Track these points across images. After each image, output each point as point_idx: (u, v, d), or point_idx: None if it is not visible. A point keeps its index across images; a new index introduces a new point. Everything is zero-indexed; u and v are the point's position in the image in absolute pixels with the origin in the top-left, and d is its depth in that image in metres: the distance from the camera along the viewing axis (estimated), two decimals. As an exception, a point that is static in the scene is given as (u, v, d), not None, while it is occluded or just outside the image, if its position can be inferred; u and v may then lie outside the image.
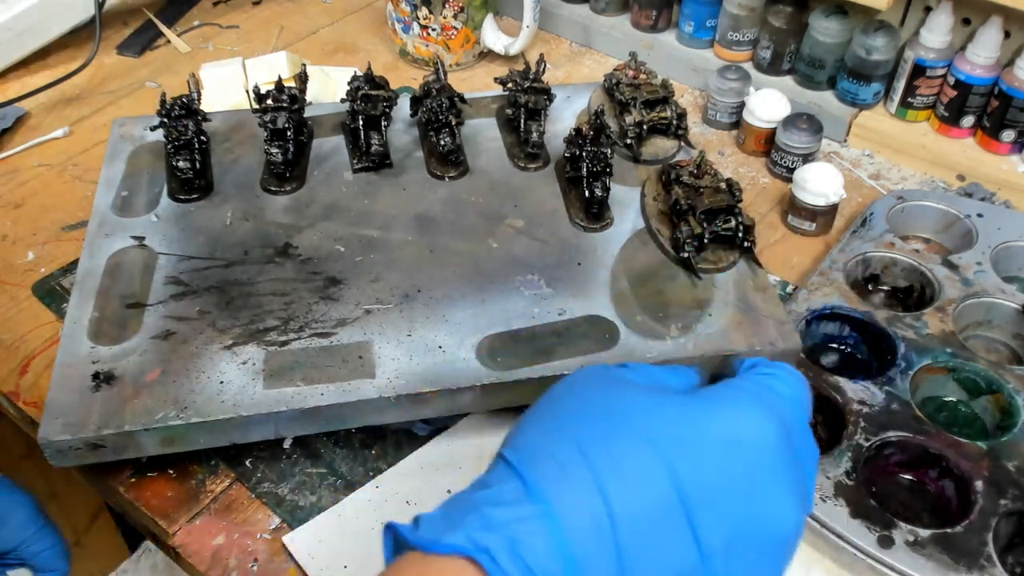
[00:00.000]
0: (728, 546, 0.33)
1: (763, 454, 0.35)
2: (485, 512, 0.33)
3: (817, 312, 0.68)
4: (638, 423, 0.35)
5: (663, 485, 0.33)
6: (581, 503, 0.33)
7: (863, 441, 0.59)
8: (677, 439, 0.34)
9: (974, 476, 0.57)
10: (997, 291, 0.70)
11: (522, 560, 0.32)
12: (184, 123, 0.71)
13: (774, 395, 0.38)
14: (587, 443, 0.35)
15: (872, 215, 0.77)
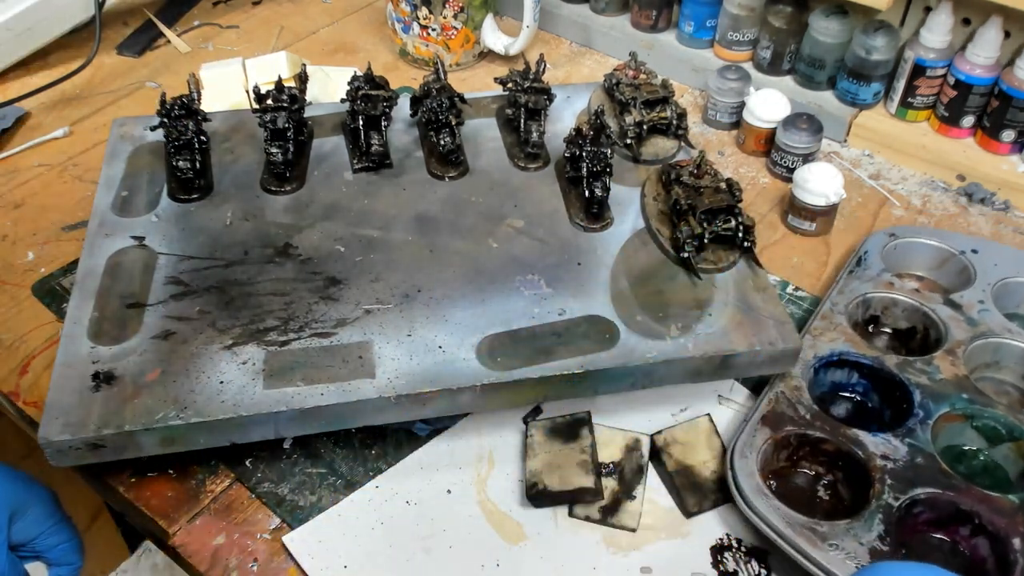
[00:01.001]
0: None
1: None
2: None
3: (825, 359, 0.65)
4: None
5: None
6: None
7: (892, 501, 0.56)
8: None
9: (1011, 533, 0.54)
10: (1004, 331, 0.67)
11: None
12: (184, 123, 0.71)
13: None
14: None
15: (867, 253, 0.74)
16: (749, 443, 0.59)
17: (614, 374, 0.58)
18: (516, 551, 0.57)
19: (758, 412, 0.61)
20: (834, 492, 0.60)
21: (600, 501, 0.59)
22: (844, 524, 0.54)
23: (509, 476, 0.61)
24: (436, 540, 0.57)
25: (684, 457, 0.61)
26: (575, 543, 0.57)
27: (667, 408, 0.65)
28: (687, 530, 0.58)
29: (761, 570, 0.56)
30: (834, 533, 0.54)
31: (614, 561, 0.56)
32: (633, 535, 0.58)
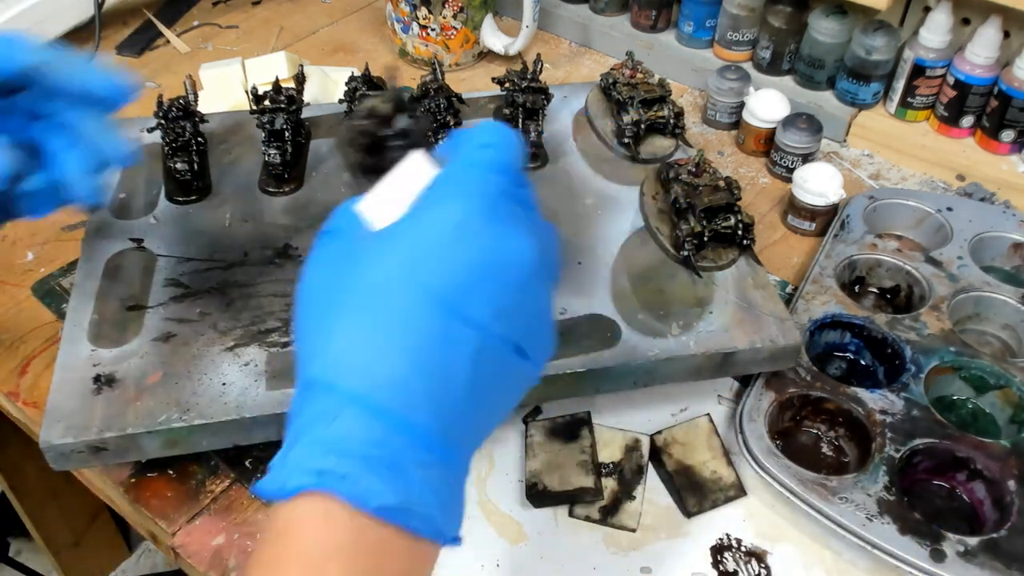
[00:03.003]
0: (497, 312, 0.35)
1: (480, 224, 0.36)
2: (305, 439, 0.34)
3: (819, 321, 0.68)
4: (376, 283, 0.36)
5: (422, 310, 0.35)
6: (372, 375, 0.34)
7: (893, 452, 0.59)
8: (415, 263, 0.36)
9: (1005, 476, 0.58)
10: (983, 284, 0.71)
11: (356, 454, 0.32)
12: (181, 124, 0.70)
13: (473, 167, 0.38)
14: (340, 326, 0.35)
15: (849, 217, 0.77)
16: (756, 407, 0.61)
17: (616, 372, 0.58)
18: (516, 551, 0.57)
19: (762, 377, 0.63)
20: (837, 447, 0.63)
21: (600, 501, 0.59)
22: (852, 478, 0.57)
23: (509, 476, 0.61)
24: (437, 540, 0.57)
25: (684, 457, 0.61)
26: (575, 543, 0.57)
27: (667, 408, 0.65)
28: (687, 530, 0.58)
29: (761, 570, 0.56)
30: (843, 487, 0.57)
31: (614, 561, 0.56)
32: (633, 535, 0.58)
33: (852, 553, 0.56)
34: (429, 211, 0.37)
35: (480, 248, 0.36)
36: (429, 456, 0.33)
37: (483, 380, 0.35)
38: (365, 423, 0.33)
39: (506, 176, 0.38)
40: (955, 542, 0.54)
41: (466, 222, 0.36)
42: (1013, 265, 0.76)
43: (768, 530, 0.58)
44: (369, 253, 0.37)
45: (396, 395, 0.33)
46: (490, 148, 0.39)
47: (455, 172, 0.38)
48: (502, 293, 0.35)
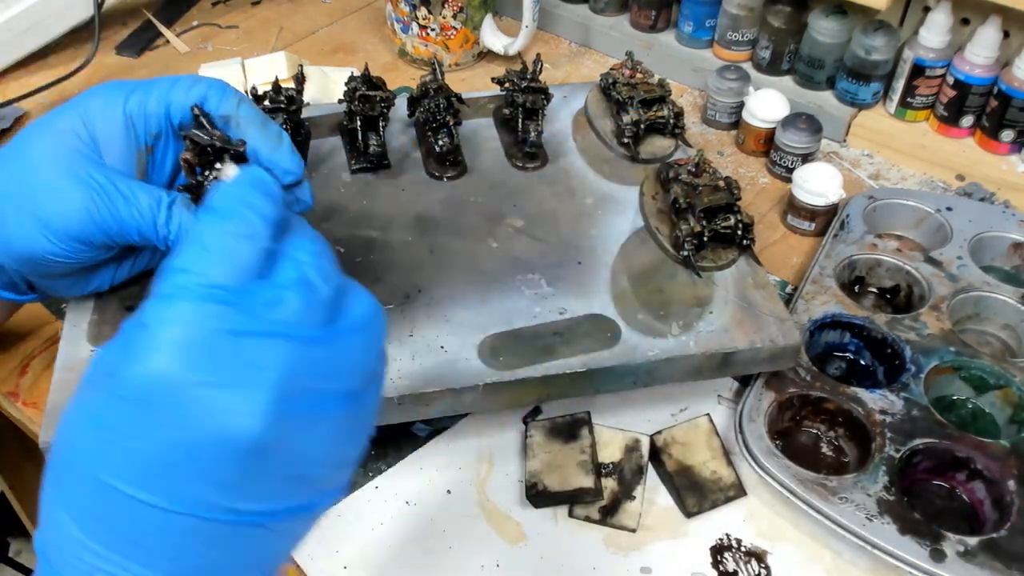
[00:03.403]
0: (217, 488, 0.31)
1: (176, 386, 0.30)
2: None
3: (819, 321, 0.68)
4: (64, 468, 0.31)
5: (108, 503, 0.30)
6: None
7: (893, 452, 0.59)
8: (91, 450, 0.31)
9: (1004, 476, 0.58)
10: (983, 284, 0.71)
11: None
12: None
13: (176, 294, 0.31)
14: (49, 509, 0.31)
15: (848, 217, 0.77)
16: (756, 407, 0.61)
17: (616, 372, 0.58)
18: (516, 551, 0.57)
19: (761, 377, 0.63)
20: (837, 448, 0.63)
21: (600, 501, 0.59)
22: (852, 478, 0.57)
23: (509, 476, 0.61)
24: (436, 540, 0.57)
25: (684, 457, 0.61)
26: (575, 543, 0.57)
27: (667, 408, 0.65)
28: (687, 530, 0.58)
29: (761, 570, 0.56)
30: (843, 487, 0.57)
31: (614, 561, 0.56)
32: (633, 535, 0.58)
33: (852, 553, 0.56)
34: (111, 376, 0.30)
35: (172, 424, 0.29)
36: None
37: (216, 557, 0.31)
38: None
39: (225, 305, 0.31)
40: (955, 542, 0.54)
41: (155, 386, 0.29)
42: (1013, 265, 0.76)
43: (768, 530, 0.58)
44: (65, 428, 0.31)
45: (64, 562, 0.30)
46: (193, 267, 0.31)
47: (151, 303, 0.31)
48: (228, 471, 0.30)
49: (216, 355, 0.29)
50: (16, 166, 0.46)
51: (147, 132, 0.47)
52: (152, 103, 0.46)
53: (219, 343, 0.30)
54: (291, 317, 0.31)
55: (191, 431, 0.29)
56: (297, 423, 0.31)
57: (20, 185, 0.46)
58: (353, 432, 0.34)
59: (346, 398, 0.32)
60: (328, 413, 0.32)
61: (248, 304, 0.31)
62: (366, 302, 0.35)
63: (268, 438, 0.30)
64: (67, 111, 0.46)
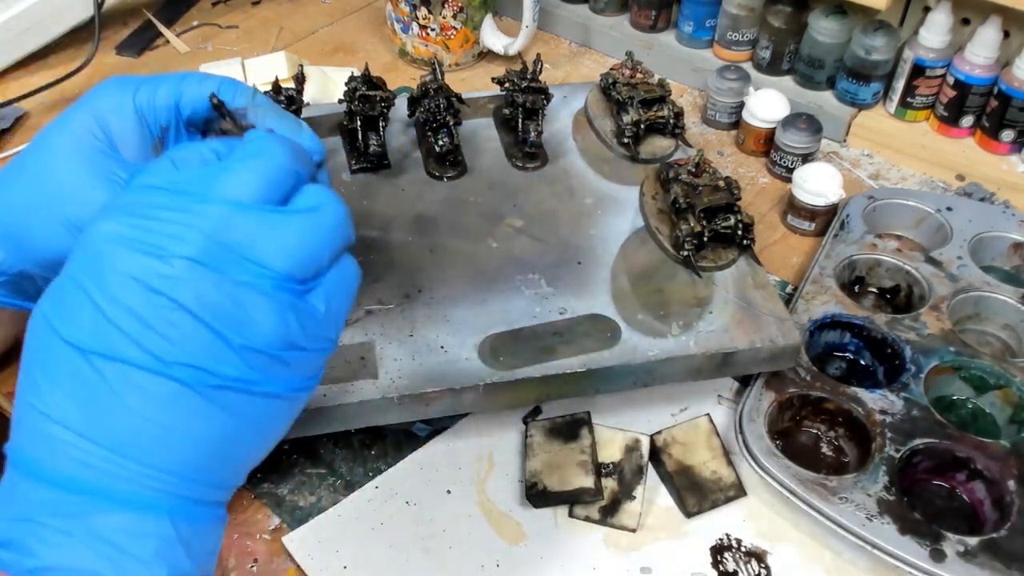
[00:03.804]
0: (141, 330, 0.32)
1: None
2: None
3: (819, 321, 0.68)
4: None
5: (59, 355, 0.33)
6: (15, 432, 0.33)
7: (893, 452, 0.59)
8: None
9: (1004, 476, 0.58)
10: (983, 284, 0.71)
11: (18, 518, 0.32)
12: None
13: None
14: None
15: (848, 217, 0.77)
16: (756, 407, 0.61)
17: (616, 372, 0.58)
18: (516, 551, 0.57)
19: (761, 377, 0.63)
20: (837, 448, 0.63)
21: (600, 501, 0.59)
22: (852, 478, 0.57)
23: (509, 476, 0.61)
24: (436, 540, 0.57)
25: (684, 457, 0.61)
26: (575, 543, 0.57)
27: (667, 408, 0.65)
28: (687, 530, 0.58)
29: (761, 570, 0.56)
30: (843, 487, 0.57)
31: (614, 561, 0.56)
32: (633, 535, 0.58)
33: (852, 553, 0.56)
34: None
35: (101, 269, 0.32)
36: (74, 508, 0.32)
37: (145, 413, 0.32)
38: (24, 485, 0.32)
39: (171, 171, 0.35)
40: (955, 542, 0.54)
41: (97, 244, 0.33)
42: (1013, 265, 0.76)
43: (768, 530, 0.58)
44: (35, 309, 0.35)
45: (46, 450, 0.32)
46: (156, 168, 0.36)
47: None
48: (145, 308, 0.32)
49: (152, 212, 0.33)
50: (37, 173, 0.47)
51: (157, 124, 0.47)
52: (161, 96, 0.47)
53: (158, 203, 0.33)
54: (230, 185, 0.34)
55: (116, 273, 0.32)
56: (218, 283, 0.32)
57: (44, 192, 0.46)
58: (296, 318, 0.34)
59: (286, 279, 0.34)
60: (259, 286, 0.33)
61: (190, 173, 0.35)
62: (322, 193, 0.36)
63: (179, 280, 0.32)
64: (78, 111, 0.47)
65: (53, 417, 0.32)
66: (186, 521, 0.34)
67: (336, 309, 0.36)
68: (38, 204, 0.47)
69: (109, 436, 0.32)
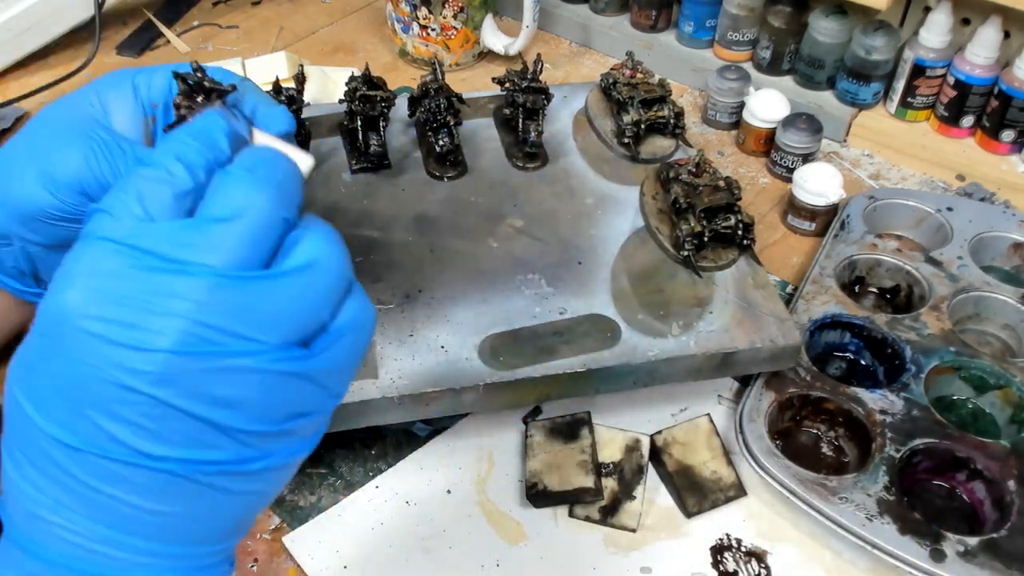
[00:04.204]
0: (130, 427, 0.30)
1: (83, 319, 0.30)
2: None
3: (819, 321, 0.68)
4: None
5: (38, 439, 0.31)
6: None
7: (893, 452, 0.59)
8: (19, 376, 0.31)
9: (1005, 476, 0.58)
10: (983, 284, 0.71)
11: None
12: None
13: (88, 240, 0.31)
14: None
15: (849, 217, 0.77)
16: (756, 407, 0.61)
17: (617, 372, 0.58)
18: (516, 551, 0.57)
19: (762, 377, 0.63)
20: (837, 448, 0.63)
21: (600, 501, 0.59)
22: (852, 478, 0.57)
23: (509, 476, 0.61)
24: (436, 540, 0.57)
25: (684, 457, 0.61)
26: (575, 543, 0.57)
27: (667, 408, 0.65)
28: (687, 530, 0.58)
29: (761, 570, 0.56)
30: (843, 487, 0.57)
31: (614, 561, 0.56)
32: (633, 535, 0.58)
33: (852, 553, 0.56)
34: (40, 307, 0.31)
35: (73, 359, 0.29)
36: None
37: (135, 503, 0.30)
38: (18, 557, 0.31)
39: (143, 237, 0.30)
40: (955, 542, 0.54)
41: (64, 321, 0.29)
42: (1013, 265, 0.76)
43: (768, 530, 0.58)
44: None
45: (34, 528, 0.31)
46: (115, 208, 0.31)
47: (75, 247, 0.31)
48: (126, 408, 0.29)
49: (122, 290, 0.29)
50: (29, 130, 0.48)
51: (150, 102, 0.48)
52: (157, 79, 0.48)
53: (128, 278, 0.29)
54: (210, 253, 0.30)
55: (88, 366, 0.29)
56: (207, 369, 0.29)
57: (29, 143, 0.47)
58: (299, 386, 0.31)
59: (285, 347, 0.30)
60: (254, 364, 0.30)
61: (164, 239, 0.30)
62: (317, 243, 0.32)
63: (165, 376, 0.29)
64: (83, 89, 0.48)
65: (42, 502, 0.30)
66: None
67: (345, 361, 0.33)
68: (21, 154, 0.47)
69: (102, 524, 0.30)
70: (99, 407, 0.29)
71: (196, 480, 0.30)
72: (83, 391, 0.29)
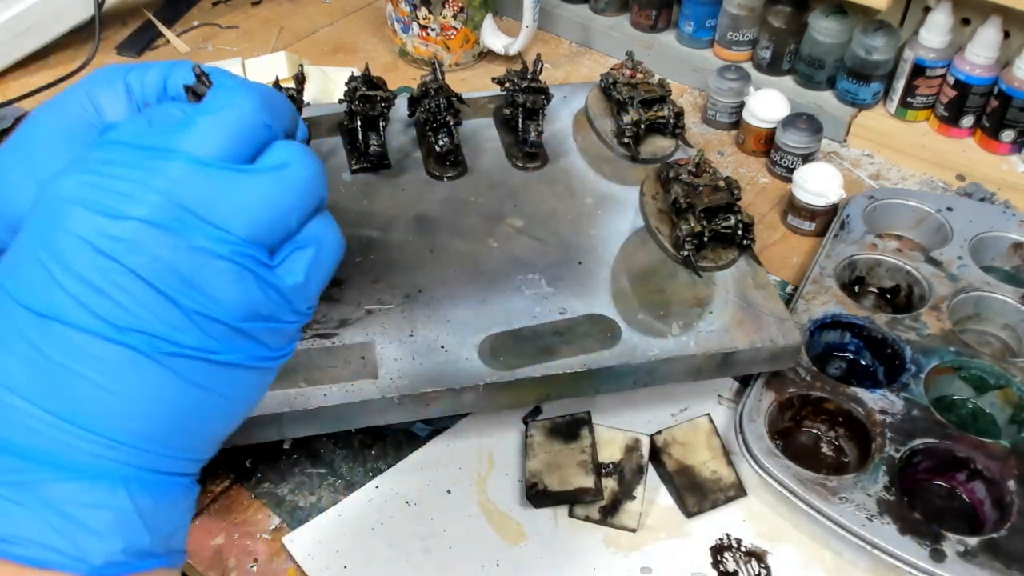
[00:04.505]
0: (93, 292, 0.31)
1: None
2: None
3: (819, 321, 0.68)
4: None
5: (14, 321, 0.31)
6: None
7: (893, 452, 0.59)
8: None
9: (1005, 476, 0.58)
10: (983, 284, 0.71)
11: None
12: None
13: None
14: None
15: (849, 217, 0.77)
16: (756, 407, 0.61)
17: (616, 372, 0.58)
18: (516, 551, 0.57)
19: (761, 377, 0.63)
20: (837, 448, 0.63)
21: (600, 501, 0.59)
22: (852, 478, 0.57)
23: (509, 476, 0.61)
24: (436, 540, 0.57)
25: (684, 457, 0.61)
26: (575, 543, 0.57)
27: (667, 408, 0.65)
28: (687, 530, 0.58)
29: (761, 570, 0.56)
30: (843, 487, 0.57)
31: (614, 561, 0.56)
32: (633, 535, 0.58)
33: (852, 553, 0.56)
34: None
35: (52, 227, 0.30)
36: (26, 476, 0.30)
37: (97, 380, 0.31)
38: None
39: (132, 122, 0.33)
40: (955, 542, 0.54)
41: (54, 198, 0.31)
42: (1013, 265, 0.76)
43: (768, 530, 0.58)
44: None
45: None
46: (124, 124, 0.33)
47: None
48: (95, 272, 0.30)
49: (108, 168, 0.31)
50: (19, 136, 0.48)
51: (144, 100, 0.48)
52: (151, 76, 0.48)
53: (115, 159, 0.31)
54: (190, 140, 0.31)
55: (65, 232, 0.30)
56: (172, 246, 0.30)
57: (21, 149, 0.47)
58: (259, 287, 0.32)
59: (248, 243, 0.32)
60: (218, 251, 0.31)
61: (151, 125, 0.32)
62: (294, 150, 0.34)
63: (131, 242, 0.30)
64: (72, 88, 0.48)
65: (2, 381, 0.31)
66: (145, 492, 0.33)
67: (308, 279, 0.34)
68: (13, 161, 0.47)
69: (60, 403, 0.31)
70: (71, 273, 0.30)
71: (157, 361, 0.31)
72: (57, 258, 0.30)
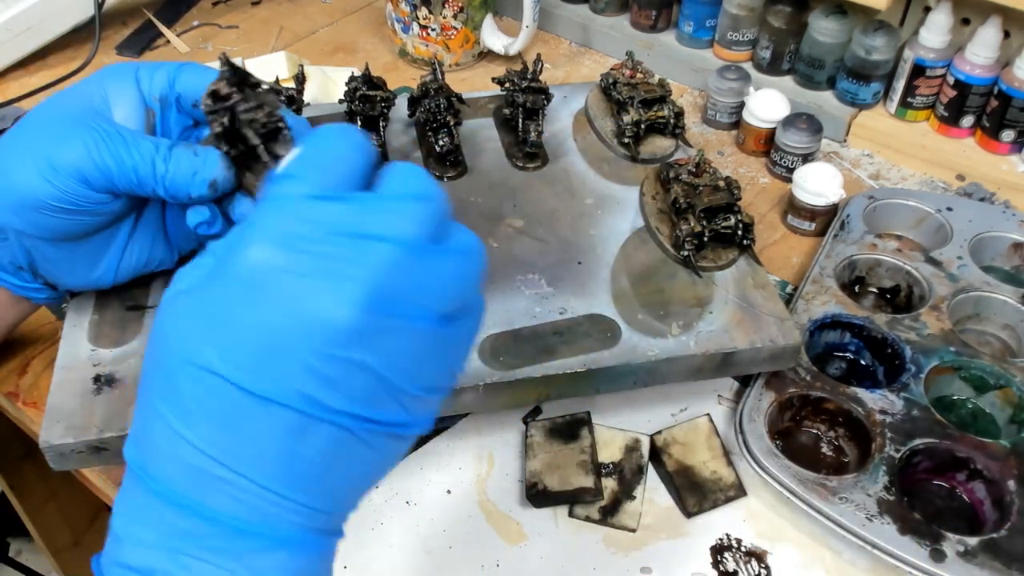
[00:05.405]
0: (317, 381, 0.31)
1: (279, 274, 0.31)
2: (117, 529, 0.33)
3: (819, 321, 0.68)
4: (164, 361, 0.32)
5: (207, 392, 0.31)
6: (169, 461, 0.32)
7: (893, 452, 0.59)
8: (195, 336, 0.31)
9: (1005, 476, 0.58)
10: (983, 284, 0.71)
11: (159, 547, 0.31)
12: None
13: (280, 200, 0.32)
14: (146, 406, 0.33)
15: (849, 217, 0.77)
16: (756, 407, 0.61)
17: (616, 372, 0.58)
18: (516, 551, 0.57)
19: (761, 377, 0.63)
20: (837, 448, 0.63)
21: (600, 501, 0.59)
22: (852, 478, 0.57)
23: (509, 476, 0.61)
24: (436, 540, 0.57)
25: (684, 457, 0.61)
26: (575, 543, 0.57)
27: (667, 408, 0.65)
28: (687, 530, 0.58)
29: (761, 570, 0.56)
30: (843, 487, 0.57)
31: (614, 561, 0.56)
32: (633, 535, 0.58)
33: (852, 553, 0.56)
34: (223, 261, 0.32)
35: (272, 308, 0.30)
36: (229, 544, 0.31)
37: (308, 457, 0.31)
38: (168, 514, 0.32)
39: (335, 203, 0.32)
40: (955, 542, 0.54)
41: (259, 273, 0.30)
42: (1013, 265, 0.76)
43: (768, 530, 0.58)
44: (165, 319, 0.32)
45: (195, 483, 0.31)
46: (303, 174, 0.32)
47: (261, 207, 0.32)
48: (318, 360, 0.30)
49: (318, 247, 0.30)
50: (27, 121, 0.49)
51: (151, 95, 0.49)
52: (160, 74, 0.50)
53: (323, 237, 0.31)
54: (401, 224, 0.32)
55: (284, 315, 0.30)
56: (387, 328, 0.31)
57: (27, 134, 0.48)
58: (442, 356, 0.34)
59: (440, 318, 0.33)
60: (419, 328, 0.32)
61: (356, 207, 0.32)
62: (470, 234, 0.35)
63: (357, 332, 0.30)
64: (86, 81, 0.49)
65: (203, 450, 0.31)
66: (325, 553, 0.34)
67: (470, 338, 0.36)
68: (20, 144, 0.48)
69: (268, 477, 0.31)
70: (291, 356, 0.30)
71: (363, 439, 0.32)
72: (275, 340, 0.30)
